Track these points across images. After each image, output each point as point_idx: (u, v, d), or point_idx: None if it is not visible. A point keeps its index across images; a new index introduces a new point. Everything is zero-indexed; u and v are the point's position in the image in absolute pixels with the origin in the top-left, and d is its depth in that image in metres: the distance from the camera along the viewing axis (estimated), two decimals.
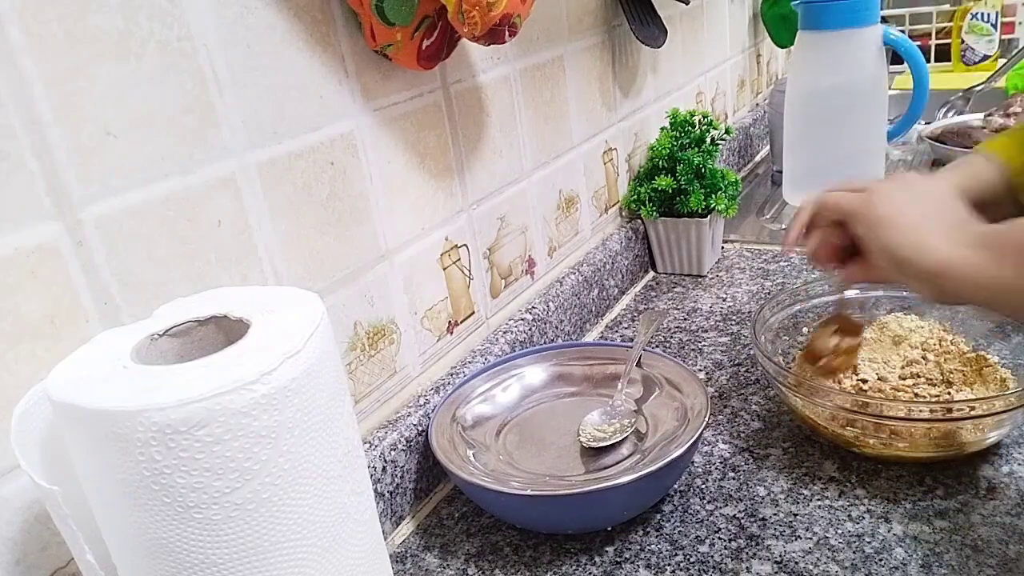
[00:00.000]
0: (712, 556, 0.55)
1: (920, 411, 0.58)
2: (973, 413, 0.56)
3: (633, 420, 0.63)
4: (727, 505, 0.60)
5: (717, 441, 0.67)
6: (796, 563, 0.53)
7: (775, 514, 0.58)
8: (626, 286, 0.99)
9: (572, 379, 0.71)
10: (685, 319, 0.90)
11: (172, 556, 0.33)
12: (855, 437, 0.61)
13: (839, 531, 0.55)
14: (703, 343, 0.84)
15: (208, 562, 0.33)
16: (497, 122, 0.74)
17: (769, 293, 0.93)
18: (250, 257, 0.50)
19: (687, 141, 0.99)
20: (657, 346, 0.83)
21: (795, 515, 0.58)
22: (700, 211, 0.96)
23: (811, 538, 0.55)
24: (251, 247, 0.50)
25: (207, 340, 0.38)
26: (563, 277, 0.86)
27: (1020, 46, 1.51)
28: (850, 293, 0.72)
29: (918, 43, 1.96)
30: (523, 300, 0.82)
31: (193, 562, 0.33)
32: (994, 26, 1.84)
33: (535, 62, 0.79)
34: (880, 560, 0.52)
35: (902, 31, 1.92)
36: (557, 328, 0.83)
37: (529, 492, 0.55)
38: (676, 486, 0.62)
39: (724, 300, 0.93)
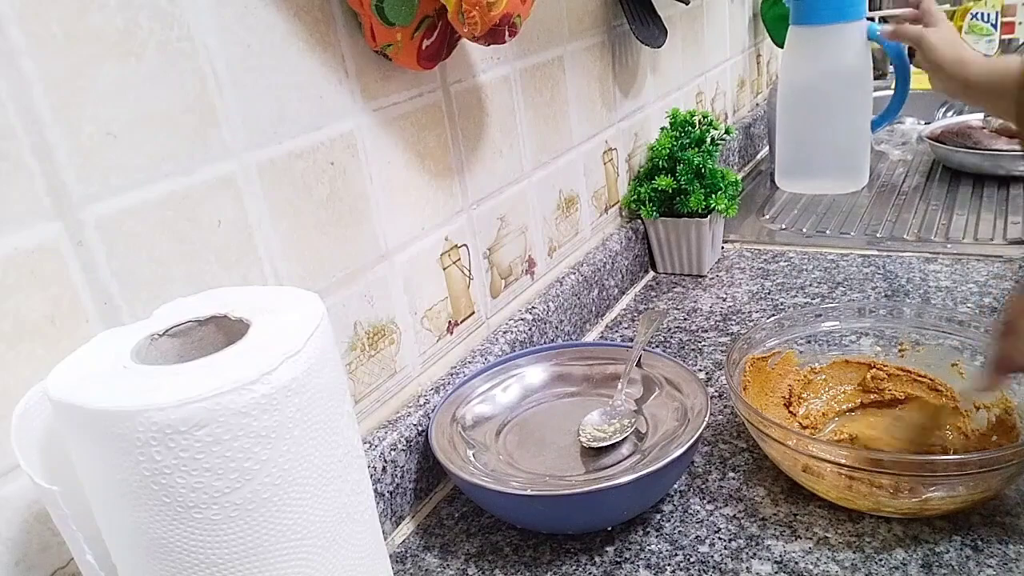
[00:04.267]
0: (712, 556, 0.55)
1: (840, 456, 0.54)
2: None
3: (633, 420, 0.63)
4: (727, 505, 0.60)
5: (717, 441, 0.67)
6: (796, 563, 0.53)
7: (775, 514, 0.58)
8: (626, 286, 0.99)
9: (572, 379, 0.71)
10: (685, 319, 0.90)
11: (172, 556, 0.33)
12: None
13: (839, 531, 0.55)
14: (703, 343, 0.84)
15: (208, 562, 0.33)
16: (497, 122, 0.74)
17: (769, 292, 0.93)
18: (250, 257, 0.50)
19: (687, 141, 0.99)
20: (657, 346, 0.83)
21: (795, 515, 0.58)
22: (700, 211, 0.96)
23: (811, 538, 0.55)
24: (251, 247, 0.50)
25: (207, 340, 0.38)
26: (563, 277, 0.86)
27: (1020, 45, 1.52)
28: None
29: None
30: (523, 300, 0.82)
31: (193, 562, 0.33)
32: (994, 26, 1.84)
33: (535, 62, 0.79)
34: (880, 560, 0.52)
35: None
36: (557, 328, 0.83)
37: (529, 492, 0.55)
38: (676, 486, 0.62)
39: (724, 300, 0.93)
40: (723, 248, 1.08)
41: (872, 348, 0.70)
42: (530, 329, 0.78)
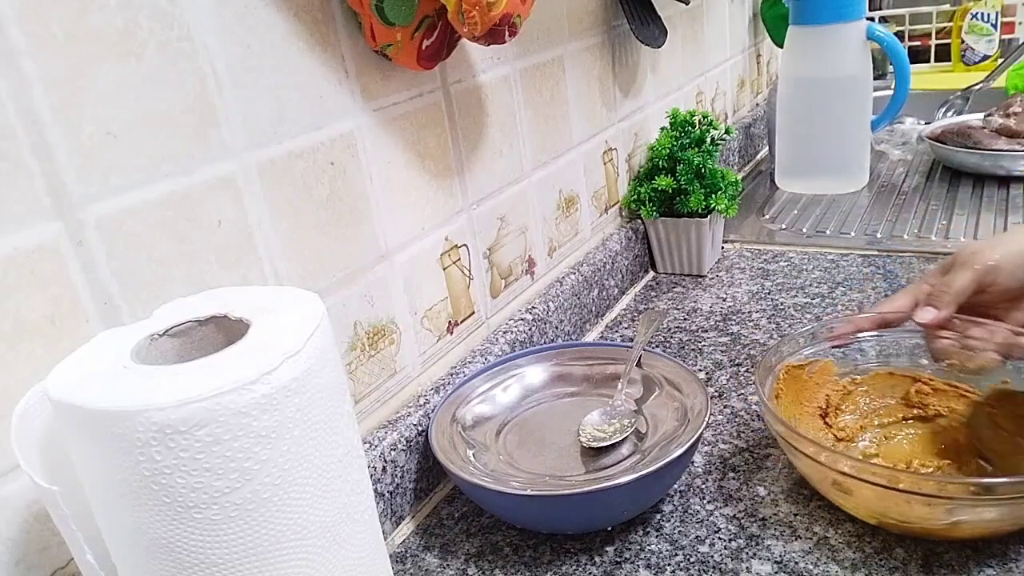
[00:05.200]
0: (712, 556, 0.55)
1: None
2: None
3: (633, 420, 0.63)
4: (727, 505, 0.60)
5: (717, 441, 0.67)
6: (796, 563, 0.53)
7: (775, 514, 0.58)
8: (626, 286, 0.99)
9: (572, 379, 0.71)
10: (685, 319, 0.90)
11: (172, 556, 0.33)
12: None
13: (839, 531, 0.55)
14: (703, 343, 0.84)
15: (208, 562, 0.33)
16: (497, 122, 0.74)
17: (769, 292, 0.93)
18: (250, 257, 0.50)
19: (687, 141, 0.99)
20: (657, 346, 0.83)
21: (795, 515, 0.58)
22: (700, 211, 0.96)
23: (811, 538, 0.55)
24: (251, 247, 0.50)
25: (207, 340, 0.38)
26: (563, 277, 0.86)
27: (1020, 45, 1.52)
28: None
29: (918, 43, 1.98)
30: (523, 300, 0.82)
31: (193, 562, 0.33)
32: (994, 26, 1.84)
33: (535, 62, 0.79)
34: (880, 560, 0.52)
35: (901, 31, 1.92)
36: (557, 328, 0.83)
37: (529, 492, 0.55)
38: (676, 486, 0.62)
39: (724, 300, 0.93)
40: (723, 248, 1.08)
41: (916, 361, 0.66)
42: (530, 329, 0.78)
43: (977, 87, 1.46)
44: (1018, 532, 0.53)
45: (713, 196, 0.96)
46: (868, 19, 1.09)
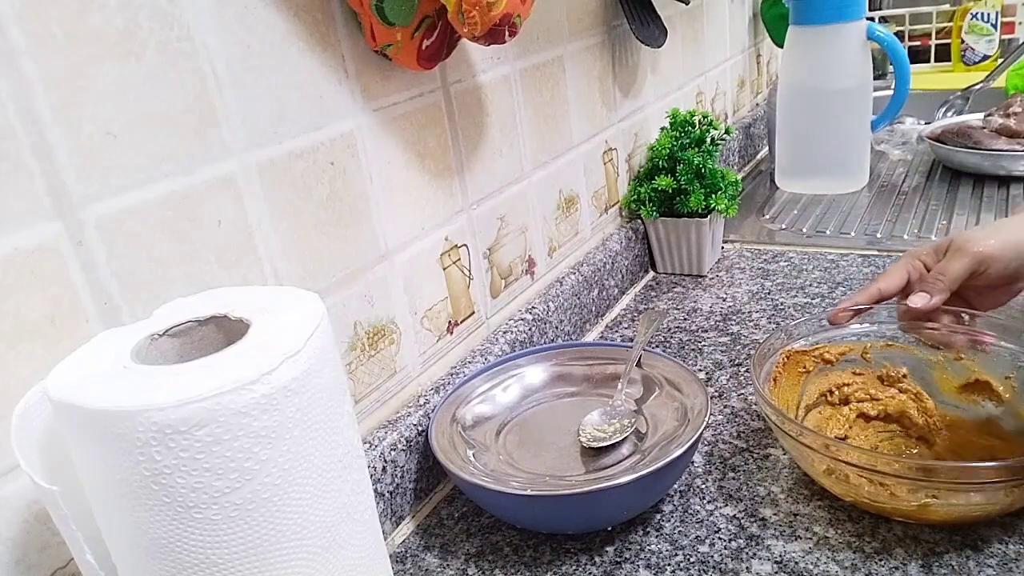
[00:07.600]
0: (712, 556, 0.55)
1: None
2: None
3: (633, 420, 0.63)
4: (727, 505, 0.60)
5: (717, 441, 0.67)
6: (796, 563, 0.53)
7: (775, 514, 0.58)
8: (626, 286, 0.99)
9: (572, 379, 0.71)
10: (685, 319, 0.90)
11: (172, 556, 0.33)
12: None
13: (839, 531, 0.55)
14: (703, 343, 0.84)
15: (208, 562, 0.33)
16: (497, 122, 0.74)
17: (769, 292, 0.93)
18: (250, 257, 0.50)
19: (687, 141, 0.99)
20: (657, 346, 0.83)
21: (795, 515, 0.58)
22: (700, 211, 0.96)
23: (811, 538, 0.55)
24: (251, 247, 0.50)
25: (207, 340, 0.38)
26: (563, 277, 0.86)
27: (1020, 45, 1.52)
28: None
29: (918, 43, 1.98)
30: (523, 300, 0.82)
31: (193, 562, 0.33)
32: (994, 26, 1.84)
33: (535, 62, 0.79)
34: (880, 560, 0.52)
35: (901, 31, 1.92)
36: (557, 328, 0.83)
37: (529, 492, 0.55)
38: (676, 486, 0.62)
39: (724, 300, 0.93)
40: (723, 248, 1.08)
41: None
42: (530, 329, 0.78)
43: (977, 87, 1.46)
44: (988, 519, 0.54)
45: (713, 196, 0.96)
46: (868, 19, 1.09)
